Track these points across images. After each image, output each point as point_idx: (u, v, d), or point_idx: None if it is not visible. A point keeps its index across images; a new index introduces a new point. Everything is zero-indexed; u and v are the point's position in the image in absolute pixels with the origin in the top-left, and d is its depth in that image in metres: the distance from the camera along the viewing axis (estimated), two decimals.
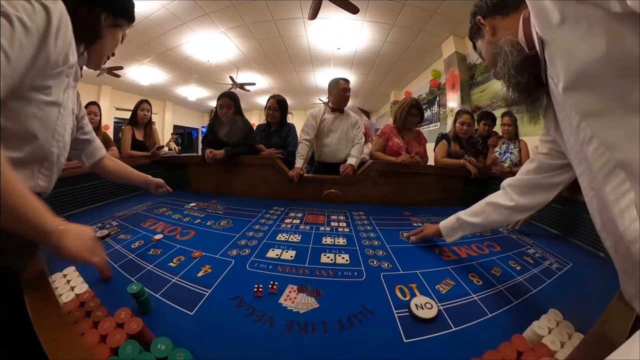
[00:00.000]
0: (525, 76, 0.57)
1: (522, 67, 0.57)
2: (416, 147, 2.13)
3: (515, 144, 2.49)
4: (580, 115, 0.45)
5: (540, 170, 0.79)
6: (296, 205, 1.66)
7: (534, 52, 0.54)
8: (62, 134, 0.69)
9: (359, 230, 1.25)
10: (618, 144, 0.41)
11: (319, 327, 0.61)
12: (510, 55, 0.58)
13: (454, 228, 1.00)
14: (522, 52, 0.57)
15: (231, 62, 6.57)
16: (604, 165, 0.43)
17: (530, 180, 0.81)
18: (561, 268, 0.95)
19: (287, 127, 2.32)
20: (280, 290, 0.74)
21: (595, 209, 0.51)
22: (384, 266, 0.91)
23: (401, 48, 5.54)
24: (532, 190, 0.81)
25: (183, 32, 5.05)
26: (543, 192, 0.80)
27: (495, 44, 0.64)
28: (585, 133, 0.45)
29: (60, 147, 0.69)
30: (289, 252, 0.98)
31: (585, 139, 0.46)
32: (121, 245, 0.99)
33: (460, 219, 0.98)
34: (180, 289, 0.74)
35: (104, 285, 0.74)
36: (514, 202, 0.84)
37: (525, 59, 0.56)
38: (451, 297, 0.74)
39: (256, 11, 4.41)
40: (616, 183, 0.42)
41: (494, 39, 0.65)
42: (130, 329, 0.51)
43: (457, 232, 1.00)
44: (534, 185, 0.81)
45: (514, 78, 0.59)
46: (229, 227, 1.24)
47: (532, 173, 0.80)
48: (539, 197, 0.80)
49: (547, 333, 0.56)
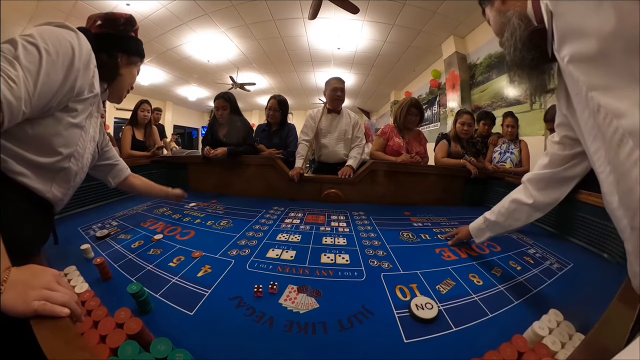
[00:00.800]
0: (532, 53, 0.58)
1: (529, 41, 0.58)
2: (416, 147, 2.13)
3: (515, 144, 2.49)
4: (587, 86, 0.46)
5: (554, 164, 0.80)
6: (296, 205, 1.66)
7: (542, 25, 0.55)
8: (81, 154, 0.78)
9: (359, 230, 1.25)
10: (625, 112, 0.41)
11: (319, 327, 0.61)
12: (518, 28, 0.59)
13: (481, 229, 1.01)
14: (529, 25, 0.58)
15: (231, 62, 6.57)
16: (614, 132, 0.44)
17: (545, 175, 0.83)
18: (562, 268, 0.95)
19: (287, 127, 2.32)
20: (280, 291, 0.74)
21: (611, 185, 0.50)
22: (384, 266, 0.91)
23: (401, 48, 5.54)
24: (548, 185, 0.83)
25: (183, 32, 5.05)
26: (558, 187, 0.81)
27: (504, 14, 0.64)
28: (593, 103, 0.46)
29: (78, 166, 0.78)
30: (289, 252, 0.98)
31: (595, 108, 0.46)
32: (121, 245, 0.99)
33: (487, 219, 0.99)
34: (180, 289, 0.74)
35: (104, 284, 0.74)
36: (532, 198, 0.85)
37: (534, 32, 0.56)
38: (452, 298, 0.74)
39: (256, 11, 4.41)
40: (627, 151, 0.43)
41: (503, 7, 0.65)
42: (130, 329, 0.51)
43: (485, 233, 1.00)
44: (549, 180, 0.82)
45: (520, 52, 0.59)
46: (229, 227, 1.24)
47: (546, 167, 0.82)
48: (555, 192, 0.82)
49: (547, 333, 0.56)
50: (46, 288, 0.46)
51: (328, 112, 2.10)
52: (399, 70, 6.84)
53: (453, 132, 2.29)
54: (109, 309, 0.59)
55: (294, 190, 1.82)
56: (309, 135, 2.06)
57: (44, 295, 0.45)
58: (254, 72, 7.30)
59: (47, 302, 0.44)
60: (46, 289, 0.46)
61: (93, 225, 1.18)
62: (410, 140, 2.12)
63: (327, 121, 2.09)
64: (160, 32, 5.02)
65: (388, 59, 6.14)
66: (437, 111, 6.17)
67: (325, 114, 2.10)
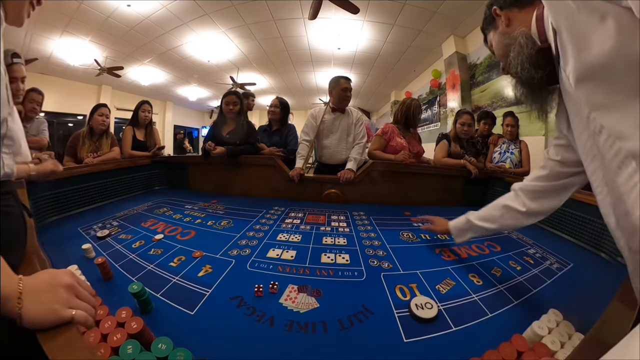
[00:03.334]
0: (540, 72, 0.58)
1: (537, 61, 0.58)
2: (416, 147, 2.13)
3: (515, 144, 2.48)
4: (590, 106, 0.46)
5: (552, 178, 0.78)
6: (297, 205, 1.66)
7: (547, 44, 0.55)
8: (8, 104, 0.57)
9: (360, 230, 1.25)
10: (628, 134, 0.41)
11: (319, 327, 0.61)
12: (525, 47, 0.59)
13: (463, 229, 0.98)
14: (535, 44, 0.58)
15: (231, 62, 6.57)
16: (615, 155, 0.43)
17: (541, 187, 0.80)
18: (561, 268, 0.95)
19: (287, 127, 2.35)
20: (281, 290, 0.74)
21: (608, 206, 0.50)
22: (384, 266, 0.91)
23: (401, 48, 5.54)
24: (544, 195, 0.80)
25: (183, 32, 5.06)
26: (554, 196, 0.79)
27: (509, 35, 0.65)
28: (595, 124, 0.46)
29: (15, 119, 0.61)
30: (289, 252, 0.98)
31: (596, 130, 0.46)
32: (122, 245, 0.99)
33: (470, 221, 0.96)
34: (180, 288, 0.74)
35: (105, 284, 0.74)
36: (526, 207, 0.83)
37: (540, 52, 0.57)
38: (451, 297, 0.74)
39: (256, 11, 4.41)
40: (628, 173, 0.42)
41: (508, 29, 0.66)
42: (131, 329, 0.51)
43: (466, 234, 0.98)
44: (545, 192, 0.80)
45: (528, 72, 0.60)
46: (229, 227, 1.24)
47: (543, 180, 0.79)
48: (551, 202, 0.80)
49: (547, 333, 0.56)
50: (72, 291, 0.43)
51: (332, 111, 2.07)
52: (399, 70, 6.83)
53: (453, 132, 2.29)
54: (110, 308, 0.59)
55: (295, 191, 1.82)
56: (310, 136, 2.03)
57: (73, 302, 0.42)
58: (254, 72, 7.30)
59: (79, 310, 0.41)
60: (72, 293, 0.43)
61: (94, 225, 1.18)
62: (410, 140, 2.12)
63: (330, 121, 2.06)
64: (160, 33, 5.03)
65: (388, 59, 6.14)
66: (438, 111, 6.17)
67: (329, 113, 2.07)
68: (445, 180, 1.94)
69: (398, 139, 2.06)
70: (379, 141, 2.13)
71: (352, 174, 1.81)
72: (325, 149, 2.10)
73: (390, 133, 2.09)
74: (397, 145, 2.05)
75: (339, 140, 2.07)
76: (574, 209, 1.25)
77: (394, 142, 2.06)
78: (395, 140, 2.07)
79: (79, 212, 1.39)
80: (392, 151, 2.06)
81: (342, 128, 2.06)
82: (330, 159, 2.11)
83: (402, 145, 2.04)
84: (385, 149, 2.09)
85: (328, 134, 2.07)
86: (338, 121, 2.06)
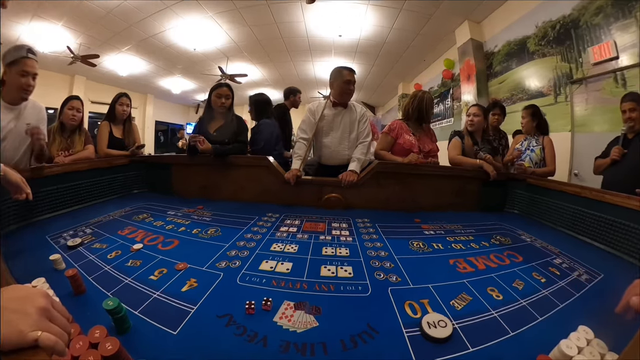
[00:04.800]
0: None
1: None
2: (428, 144, 2.13)
3: (538, 141, 2.45)
4: None
5: None
6: (293, 211, 1.66)
7: None
8: None
9: (364, 240, 1.25)
10: None
11: (318, 348, 0.61)
12: None
13: None
14: None
15: (220, 50, 6.60)
16: None
17: None
18: (591, 279, 0.95)
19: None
20: (275, 307, 0.74)
21: None
22: (392, 280, 0.91)
23: (410, 35, 5.57)
24: None
25: (167, 16, 5.08)
26: None
27: None
28: None
29: None
30: (284, 264, 0.98)
31: None
32: (96, 256, 0.98)
33: None
34: (162, 305, 0.74)
35: (76, 299, 0.74)
36: None
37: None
38: (468, 314, 0.74)
39: None
40: None
41: None
42: (106, 350, 0.51)
43: None
44: None
45: None
46: (217, 235, 1.24)
47: None
48: None
49: (576, 353, 0.56)
50: (44, 314, 0.42)
51: (333, 106, 2.05)
52: (407, 60, 6.87)
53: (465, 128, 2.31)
54: (82, 326, 0.58)
55: (291, 195, 1.82)
56: (307, 134, 2.01)
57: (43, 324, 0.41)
58: (245, 62, 7.33)
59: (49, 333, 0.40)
60: (44, 316, 0.42)
61: (64, 232, 1.18)
62: (421, 137, 2.12)
63: (331, 116, 2.03)
64: (141, 17, 5.04)
65: (395, 48, 6.18)
66: (451, 105, 6.20)
67: (329, 107, 2.05)
68: (459, 182, 1.94)
69: (406, 136, 2.07)
70: (385, 139, 2.13)
71: (356, 176, 1.80)
72: (325, 148, 2.08)
73: (397, 130, 2.10)
74: (406, 144, 2.05)
75: (340, 138, 2.04)
76: (604, 213, 1.25)
77: (401, 140, 2.06)
78: (403, 137, 2.07)
79: (47, 217, 1.39)
80: (399, 149, 2.06)
81: (344, 125, 2.04)
82: (330, 160, 2.09)
83: (410, 143, 2.04)
84: (393, 147, 2.10)
85: (328, 131, 2.05)
86: (340, 117, 2.04)
